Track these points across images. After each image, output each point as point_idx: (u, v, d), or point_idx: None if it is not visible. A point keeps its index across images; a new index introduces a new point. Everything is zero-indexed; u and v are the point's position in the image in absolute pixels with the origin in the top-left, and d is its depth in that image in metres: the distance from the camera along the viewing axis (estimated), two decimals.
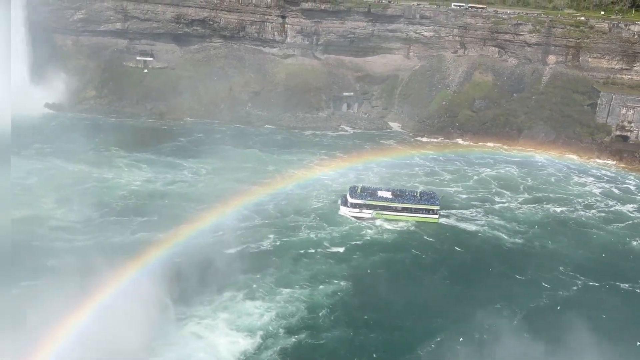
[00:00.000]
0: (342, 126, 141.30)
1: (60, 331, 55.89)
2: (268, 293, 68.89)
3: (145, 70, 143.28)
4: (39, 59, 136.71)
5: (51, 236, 77.38)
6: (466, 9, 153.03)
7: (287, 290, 69.93)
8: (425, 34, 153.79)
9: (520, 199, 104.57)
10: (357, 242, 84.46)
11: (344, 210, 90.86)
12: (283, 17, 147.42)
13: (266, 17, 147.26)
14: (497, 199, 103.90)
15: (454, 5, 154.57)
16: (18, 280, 60.27)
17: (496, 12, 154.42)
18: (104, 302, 60.21)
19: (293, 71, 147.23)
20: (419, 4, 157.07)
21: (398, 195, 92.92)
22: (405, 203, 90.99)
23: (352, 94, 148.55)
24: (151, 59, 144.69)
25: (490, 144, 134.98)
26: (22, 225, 75.11)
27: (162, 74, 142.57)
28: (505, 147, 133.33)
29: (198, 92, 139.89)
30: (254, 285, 69.90)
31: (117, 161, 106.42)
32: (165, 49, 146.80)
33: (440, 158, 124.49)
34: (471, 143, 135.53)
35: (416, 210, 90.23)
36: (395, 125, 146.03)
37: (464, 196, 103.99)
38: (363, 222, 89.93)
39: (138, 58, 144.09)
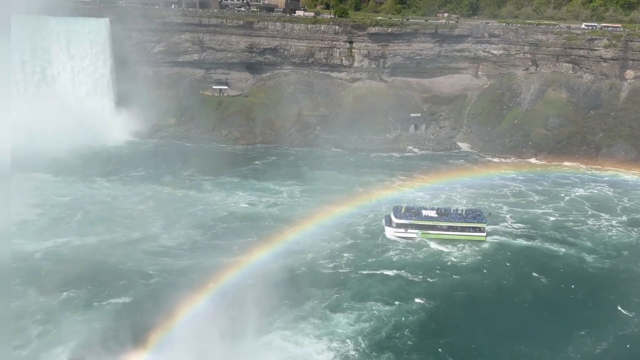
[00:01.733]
0: (409, 147, 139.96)
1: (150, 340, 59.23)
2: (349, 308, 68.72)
3: (221, 99, 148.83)
4: (123, 90, 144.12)
5: (153, 258, 79.22)
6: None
7: (365, 307, 69.45)
8: (494, 52, 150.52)
9: (615, 221, 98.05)
10: (437, 264, 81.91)
11: (388, 231, 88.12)
12: (350, 42, 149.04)
13: (334, 43, 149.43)
14: (591, 221, 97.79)
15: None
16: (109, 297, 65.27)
17: (569, 27, 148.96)
18: (194, 312, 63.32)
19: (360, 94, 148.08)
20: (487, 23, 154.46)
21: (443, 214, 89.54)
22: (451, 222, 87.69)
23: (419, 115, 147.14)
24: (226, 87, 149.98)
25: (566, 163, 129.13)
26: (128, 246, 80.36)
27: (236, 101, 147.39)
28: (583, 166, 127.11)
29: (269, 117, 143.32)
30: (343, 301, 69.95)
31: (205, 184, 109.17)
32: (239, 78, 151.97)
33: (520, 177, 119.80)
34: (545, 162, 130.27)
35: (462, 229, 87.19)
36: (464, 146, 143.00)
37: (553, 218, 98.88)
38: (444, 248, 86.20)
39: (214, 87, 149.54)
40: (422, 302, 71.25)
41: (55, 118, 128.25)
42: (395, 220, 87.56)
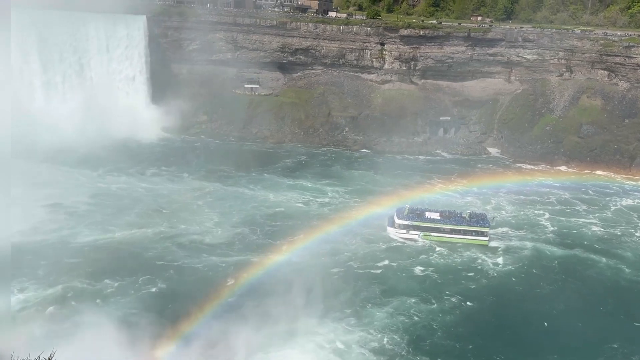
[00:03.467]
0: (437, 151, 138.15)
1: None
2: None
3: (252, 97, 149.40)
4: (157, 87, 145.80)
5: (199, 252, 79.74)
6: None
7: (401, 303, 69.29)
8: (528, 57, 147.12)
9: None
10: (470, 266, 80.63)
11: (390, 231, 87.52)
12: (382, 44, 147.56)
13: (365, 44, 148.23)
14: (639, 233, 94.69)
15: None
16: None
17: (605, 34, 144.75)
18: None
19: (390, 96, 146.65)
20: (521, 27, 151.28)
21: (446, 216, 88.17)
22: (454, 224, 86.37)
23: (449, 118, 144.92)
24: (257, 86, 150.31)
25: (598, 172, 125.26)
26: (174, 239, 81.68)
27: (266, 100, 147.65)
28: (617, 176, 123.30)
29: (299, 117, 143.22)
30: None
31: (245, 181, 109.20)
32: (270, 77, 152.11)
33: (557, 184, 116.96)
34: (577, 171, 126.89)
35: (465, 232, 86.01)
36: (493, 151, 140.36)
37: (597, 228, 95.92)
38: (480, 253, 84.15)
39: (246, 85, 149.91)
40: (454, 302, 70.47)
41: (90, 113, 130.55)
42: (397, 221, 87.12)
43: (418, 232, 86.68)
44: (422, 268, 79.16)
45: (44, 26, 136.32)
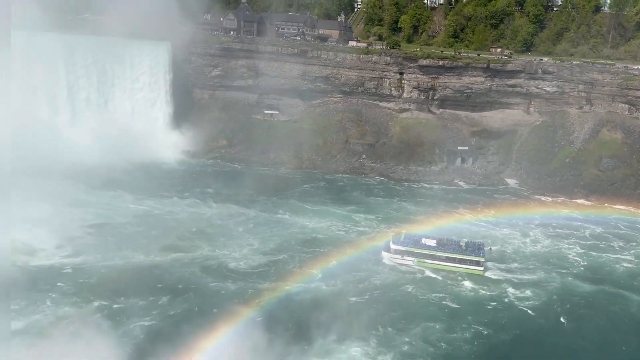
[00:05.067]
0: (455, 180, 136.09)
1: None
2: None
3: (271, 123, 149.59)
4: (179, 111, 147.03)
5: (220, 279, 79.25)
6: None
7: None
8: (547, 89, 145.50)
9: None
10: (495, 299, 79.39)
11: (385, 256, 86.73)
12: (401, 73, 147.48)
13: (385, 73, 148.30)
14: None
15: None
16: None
17: (626, 68, 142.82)
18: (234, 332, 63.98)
19: (407, 125, 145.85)
20: (540, 59, 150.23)
21: (443, 244, 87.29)
22: (449, 253, 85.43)
23: (466, 148, 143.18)
24: (277, 112, 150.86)
25: (618, 206, 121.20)
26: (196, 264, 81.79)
27: (285, 126, 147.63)
28: (638, 210, 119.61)
29: (317, 143, 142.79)
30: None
31: (267, 205, 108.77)
32: (290, 104, 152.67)
33: (582, 218, 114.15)
34: (597, 204, 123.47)
35: (460, 261, 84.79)
36: (512, 182, 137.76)
37: (630, 265, 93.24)
38: (508, 286, 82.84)
39: (266, 111, 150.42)
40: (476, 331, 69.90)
41: (113, 136, 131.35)
42: (392, 246, 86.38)
43: (412, 259, 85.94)
44: (441, 295, 79.01)
45: (71, 50, 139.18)
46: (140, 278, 74.71)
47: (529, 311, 76.36)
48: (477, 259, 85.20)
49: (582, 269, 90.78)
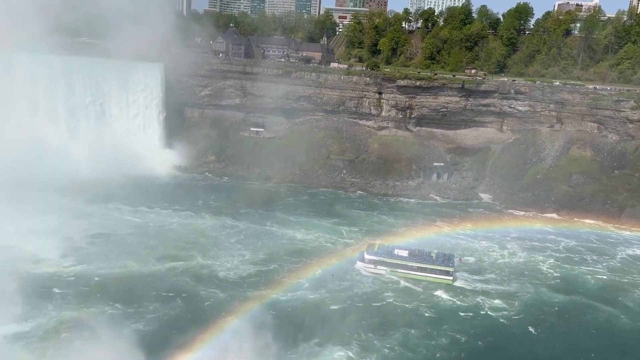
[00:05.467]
0: (431, 195, 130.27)
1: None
2: None
3: (257, 140, 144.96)
4: (170, 129, 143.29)
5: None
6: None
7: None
8: (520, 108, 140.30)
9: None
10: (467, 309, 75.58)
11: (359, 265, 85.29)
12: (380, 93, 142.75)
13: (364, 93, 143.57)
14: None
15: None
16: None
17: (595, 88, 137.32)
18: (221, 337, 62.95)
19: (386, 142, 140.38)
20: (513, 80, 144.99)
21: (414, 254, 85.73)
22: (420, 263, 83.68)
23: (442, 164, 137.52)
24: (262, 129, 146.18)
25: (587, 221, 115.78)
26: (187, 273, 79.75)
27: (270, 142, 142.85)
28: (607, 225, 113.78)
29: (300, 159, 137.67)
30: None
31: (254, 216, 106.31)
32: (275, 121, 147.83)
33: (552, 231, 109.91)
34: (567, 218, 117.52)
35: (431, 271, 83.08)
36: (485, 197, 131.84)
37: (602, 277, 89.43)
38: (484, 295, 79.24)
39: (252, 129, 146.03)
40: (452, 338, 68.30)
41: (108, 152, 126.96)
42: (366, 256, 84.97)
43: (385, 268, 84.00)
44: (420, 304, 76.78)
45: (69, 71, 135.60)
46: (136, 285, 74.01)
47: (504, 320, 74.00)
48: (446, 268, 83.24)
49: (556, 280, 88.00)
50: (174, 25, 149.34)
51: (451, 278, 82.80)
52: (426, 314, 73.69)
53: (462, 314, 74.52)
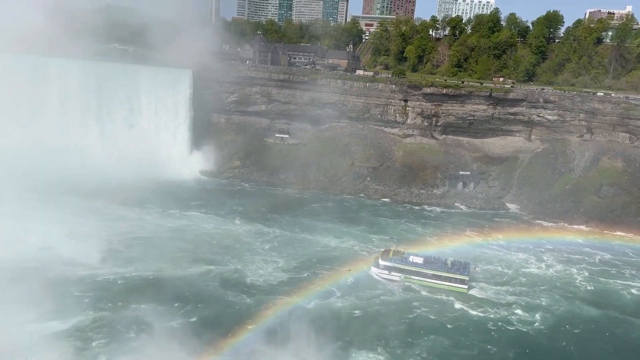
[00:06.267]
0: (456, 204, 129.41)
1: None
2: None
3: (281, 146, 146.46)
4: (197, 134, 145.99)
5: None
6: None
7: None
8: (548, 117, 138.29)
9: None
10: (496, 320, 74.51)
11: (374, 271, 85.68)
12: (405, 100, 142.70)
13: (390, 100, 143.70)
14: None
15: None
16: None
17: (627, 98, 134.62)
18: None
19: (411, 149, 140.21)
20: (542, 89, 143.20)
21: (429, 261, 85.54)
22: (435, 270, 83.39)
23: (468, 173, 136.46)
24: (287, 136, 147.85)
25: (618, 233, 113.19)
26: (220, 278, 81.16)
27: (294, 149, 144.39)
28: (638, 237, 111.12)
29: (324, 165, 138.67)
30: None
31: (282, 222, 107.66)
32: (299, 128, 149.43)
33: (583, 243, 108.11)
34: (597, 230, 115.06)
35: (446, 279, 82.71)
36: (512, 207, 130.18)
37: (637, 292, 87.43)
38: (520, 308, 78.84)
39: (277, 135, 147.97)
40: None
41: (137, 156, 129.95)
42: (381, 262, 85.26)
43: (400, 275, 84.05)
44: (449, 315, 76.09)
45: (101, 76, 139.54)
46: (170, 287, 76.04)
47: (534, 333, 72.91)
48: (462, 277, 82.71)
49: (591, 294, 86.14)
50: (203, 32, 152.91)
51: (466, 286, 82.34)
52: (456, 324, 73.14)
53: (491, 325, 73.77)
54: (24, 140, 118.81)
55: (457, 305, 78.56)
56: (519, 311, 78.05)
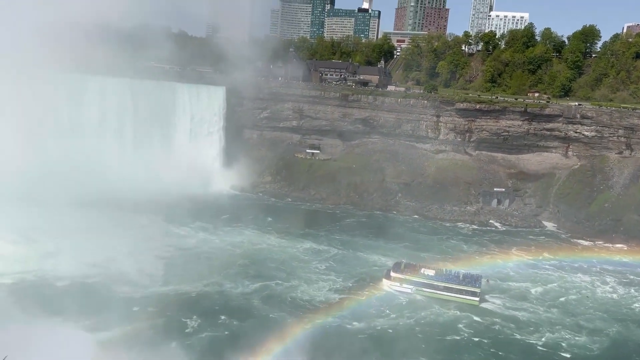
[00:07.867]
0: (490, 221, 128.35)
1: None
2: None
3: (312, 161, 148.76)
4: (230, 149, 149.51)
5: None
6: None
7: None
8: (586, 133, 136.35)
9: None
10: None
11: (385, 283, 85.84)
12: (437, 116, 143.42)
13: (421, 116, 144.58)
14: None
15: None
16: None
17: None
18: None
19: (443, 165, 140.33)
20: (579, 104, 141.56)
21: (441, 274, 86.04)
22: (447, 282, 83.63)
23: (503, 190, 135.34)
24: (318, 151, 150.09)
25: None
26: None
27: (325, 164, 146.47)
28: None
29: (354, 181, 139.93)
30: None
31: (320, 238, 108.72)
32: (330, 144, 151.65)
33: (633, 263, 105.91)
34: (637, 250, 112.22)
35: (457, 291, 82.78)
36: (549, 225, 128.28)
37: None
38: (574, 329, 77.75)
39: (307, 150, 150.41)
40: None
41: (172, 171, 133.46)
42: (392, 274, 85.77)
43: (411, 287, 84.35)
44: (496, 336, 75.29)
45: (137, 93, 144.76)
46: (217, 302, 77.86)
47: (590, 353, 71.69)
48: (473, 289, 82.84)
49: None
50: (236, 50, 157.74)
51: (477, 299, 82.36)
52: (505, 350, 71.56)
53: (538, 346, 72.66)
54: (66, 154, 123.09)
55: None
56: (573, 333, 76.00)
